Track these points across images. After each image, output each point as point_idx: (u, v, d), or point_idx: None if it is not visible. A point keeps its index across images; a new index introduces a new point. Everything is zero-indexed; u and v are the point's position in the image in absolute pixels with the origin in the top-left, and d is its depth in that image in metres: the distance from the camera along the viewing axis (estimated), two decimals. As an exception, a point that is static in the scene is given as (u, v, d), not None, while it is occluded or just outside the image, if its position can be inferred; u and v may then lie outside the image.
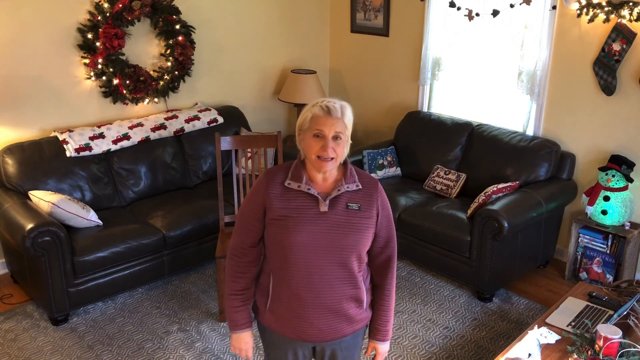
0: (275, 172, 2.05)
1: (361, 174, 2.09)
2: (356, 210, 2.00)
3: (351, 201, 2.00)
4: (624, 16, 3.71)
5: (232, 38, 5.06)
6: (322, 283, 1.98)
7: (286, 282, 2.02)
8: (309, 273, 1.97)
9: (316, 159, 1.96)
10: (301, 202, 1.98)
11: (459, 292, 3.99)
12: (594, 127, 4.12)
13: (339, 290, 2.01)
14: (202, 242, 4.11)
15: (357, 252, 2.00)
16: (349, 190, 2.01)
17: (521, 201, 3.84)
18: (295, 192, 1.99)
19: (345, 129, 1.96)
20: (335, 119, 1.94)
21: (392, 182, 4.65)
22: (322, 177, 2.03)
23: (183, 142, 4.58)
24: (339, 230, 1.96)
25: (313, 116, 1.95)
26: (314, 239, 1.95)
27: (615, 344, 2.36)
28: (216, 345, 3.43)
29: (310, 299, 2.00)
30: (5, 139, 3.99)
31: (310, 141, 1.96)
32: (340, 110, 1.96)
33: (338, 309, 2.03)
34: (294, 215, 1.96)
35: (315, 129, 1.94)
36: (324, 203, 1.97)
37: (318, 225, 1.95)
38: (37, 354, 3.33)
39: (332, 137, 1.93)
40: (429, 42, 4.83)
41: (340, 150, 1.97)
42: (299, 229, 1.94)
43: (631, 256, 3.92)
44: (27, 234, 3.31)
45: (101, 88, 4.34)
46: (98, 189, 4.10)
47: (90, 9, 4.14)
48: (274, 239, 2.00)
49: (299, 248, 1.95)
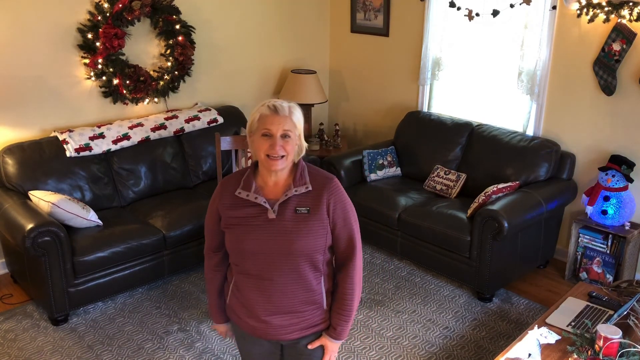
0: (228, 182, 2.06)
1: (315, 174, 2.05)
2: (305, 214, 1.97)
3: (300, 205, 1.98)
4: (624, 16, 3.72)
5: (232, 38, 5.06)
6: (273, 289, 2.00)
7: (241, 284, 2.07)
8: (260, 278, 2.00)
9: (266, 158, 1.95)
10: (250, 211, 1.98)
11: (459, 292, 3.99)
12: (594, 127, 4.12)
13: (291, 295, 2.01)
14: (202, 242, 4.08)
15: (307, 257, 1.99)
16: (298, 193, 1.99)
17: (521, 201, 3.84)
18: (244, 201, 2.00)
19: (294, 127, 1.95)
20: (283, 117, 1.92)
21: (392, 182, 4.65)
22: (274, 180, 2.01)
23: (183, 142, 4.58)
24: (286, 237, 1.95)
25: (261, 116, 1.94)
26: (263, 246, 1.96)
27: (615, 344, 2.36)
28: (216, 345, 3.43)
29: (262, 303, 2.03)
30: (5, 139, 4.00)
31: (259, 142, 1.95)
32: (288, 109, 1.95)
33: (291, 311, 2.04)
34: (244, 223, 1.98)
35: (263, 129, 1.93)
36: (271, 210, 1.96)
37: (266, 233, 1.96)
38: (37, 354, 3.33)
39: (280, 135, 1.92)
40: (429, 42, 4.83)
41: (290, 148, 1.95)
42: (248, 237, 1.97)
43: (631, 256, 3.92)
44: (27, 234, 3.31)
45: (101, 88, 4.34)
46: (98, 189, 4.10)
47: (90, 9, 4.14)
48: (228, 245, 2.05)
49: (249, 255, 1.98)
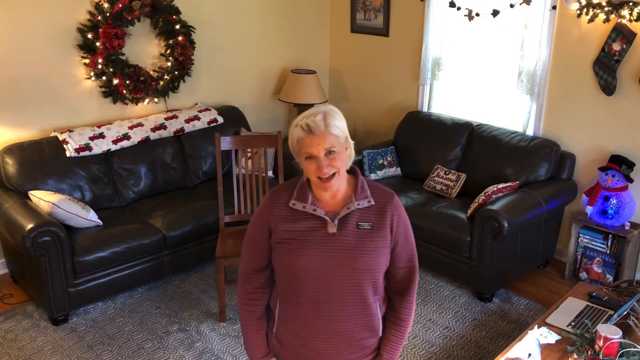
0: (280, 192, 1.91)
1: (375, 187, 1.91)
2: (368, 230, 1.83)
3: (362, 220, 1.84)
4: (624, 16, 3.71)
5: (232, 38, 5.06)
6: (331, 311, 1.83)
7: (293, 308, 1.88)
8: (318, 300, 1.83)
9: (318, 181, 1.81)
10: (307, 224, 1.83)
11: (459, 292, 3.99)
12: (594, 127, 4.11)
13: (351, 319, 1.85)
14: (202, 242, 4.10)
15: (370, 277, 1.83)
16: (360, 207, 1.85)
17: (521, 201, 3.84)
18: (300, 213, 1.85)
19: (337, 138, 1.79)
20: (320, 135, 1.77)
21: (392, 182, 4.65)
22: (331, 194, 1.87)
23: (183, 142, 4.58)
24: (349, 253, 1.80)
25: (298, 139, 1.81)
26: (322, 263, 1.80)
27: (615, 344, 2.36)
28: (216, 345, 3.43)
29: (319, 328, 1.86)
30: (5, 139, 3.99)
31: (305, 164, 1.82)
32: (324, 122, 1.78)
33: (349, 338, 1.87)
34: (300, 238, 1.82)
35: (304, 152, 1.80)
36: (332, 224, 1.82)
37: (326, 248, 1.80)
38: (37, 354, 3.33)
39: (323, 155, 1.78)
40: (429, 42, 4.83)
41: (339, 163, 1.80)
42: (305, 253, 1.80)
43: (631, 256, 3.92)
44: (27, 234, 3.31)
45: (101, 88, 4.34)
46: (98, 189, 4.10)
47: (90, 9, 4.14)
48: (280, 263, 1.87)
49: (306, 273, 1.81)
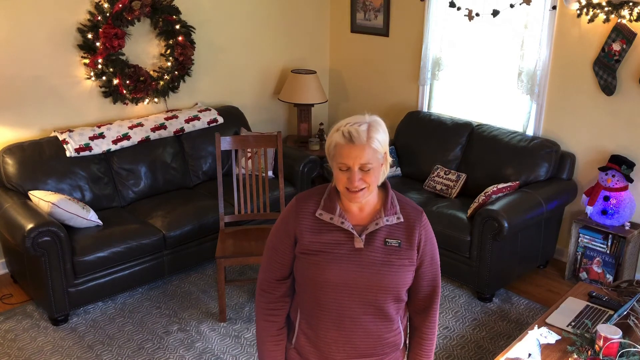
0: (306, 200, 1.84)
1: (404, 202, 1.86)
2: (395, 247, 1.78)
3: (390, 236, 1.79)
4: (624, 16, 3.71)
5: (232, 38, 5.06)
6: (354, 326, 1.80)
7: (315, 322, 1.83)
8: (341, 315, 1.79)
9: (345, 191, 1.75)
10: (334, 237, 1.78)
11: (459, 292, 3.98)
12: (594, 127, 4.11)
13: (374, 335, 1.82)
14: (202, 242, 4.10)
15: (395, 294, 1.80)
16: (389, 223, 1.79)
17: (521, 201, 3.84)
18: (327, 225, 1.79)
19: (375, 153, 1.71)
20: (359, 147, 1.69)
21: (392, 182, 4.63)
22: (359, 206, 1.82)
23: (183, 142, 4.58)
24: (375, 269, 1.76)
25: (336, 144, 1.73)
26: (347, 278, 1.76)
27: (615, 344, 2.36)
28: (216, 345, 3.43)
29: (341, 344, 1.82)
30: (5, 139, 3.99)
31: (336, 172, 1.76)
32: (367, 133, 1.70)
33: (371, 354, 1.84)
34: (326, 250, 1.76)
35: (339, 162, 1.72)
36: (360, 239, 1.77)
37: (352, 263, 1.76)
38: (37, 354, 3.33)
39: (358, 168, 1.71)
40: (429, 42, 4.83)
41: (372, 179, 1.74)
42: (331, 267, 1.75)
43: (631, 256, 3.92)
44: (27, 234, 3.31)
45: (101, 88, 4.34)
46: (98, 189, 4.10)
47: (90, 9, 4.14)
48: (303, 275, 1.82)
49: (330, 287, 1.77)
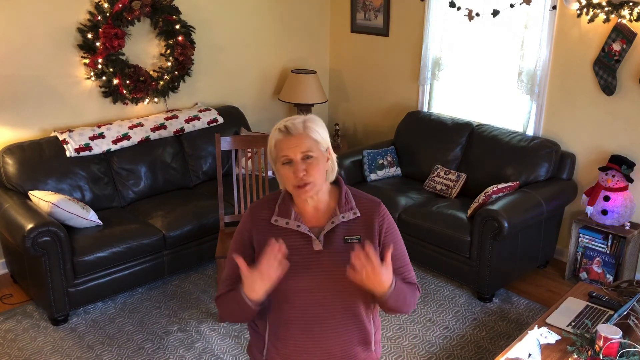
0: (261, 208, 1.81)
1: (360, 196, 1.83)
2: (356, 243, 1.74)
3: (349, 233, 1.76)
4: (624, 16, 3.71)
5: (232, 38, 5.06)
6: (323, 331, 1.76)
7: (283, 331, 1.79)
8: (308, 321, 1.75)
9: (294, 189, 1.73)
10: (292, 241, 1.73)
11: (459, 292, 3.98)
12: (594, 127, 4.11)
13: (345, 337, 1.79)
14: (202, 242, 4.10)
15: (362, 293, 1.73)
16: (345, 220, 1.77)
17: (521, 201, 3.84)
18: (284, 230, 1.76)
19: (316, 144, 1.71)
20: (297, 137, 1.70)
21: (392, 182, 4.65)
22: (313, 205, 1.78)
23: (183, 142, 4.58)
24: (339, 272, 1.70)
25: (276, 142, 1.73)
26: (311, 283, 1.72)
27: (615, 344, 2.36)
28: (216, 345, 3.43)
29: (311, 350, 1.78)
30: (5, 139, 3.99)
31: (282, 171, 1.73)
32: (303, 125, 1.71)
33: (343, 356, 1.81)
34: (286, 258, 1.69)
35: (281, 156, 1.72)
36: (318, 240, 1.74)
37: (314, 267, 1.72)
38: (37, 354, 3.33)
39: (300, 158, 1.70)
40: (429, 42, 4.83)
41: (315, 171, 1.71)
42: (292, 273, 1.70)
43: (631, 256, 3.92)
44: (27, 234, 3.31)
45: (101, 88, 4.34)
46: (98, 189, 4.10)
47: (90, 9, 4.14)
48: None
49: (294, 294, 1.73)
